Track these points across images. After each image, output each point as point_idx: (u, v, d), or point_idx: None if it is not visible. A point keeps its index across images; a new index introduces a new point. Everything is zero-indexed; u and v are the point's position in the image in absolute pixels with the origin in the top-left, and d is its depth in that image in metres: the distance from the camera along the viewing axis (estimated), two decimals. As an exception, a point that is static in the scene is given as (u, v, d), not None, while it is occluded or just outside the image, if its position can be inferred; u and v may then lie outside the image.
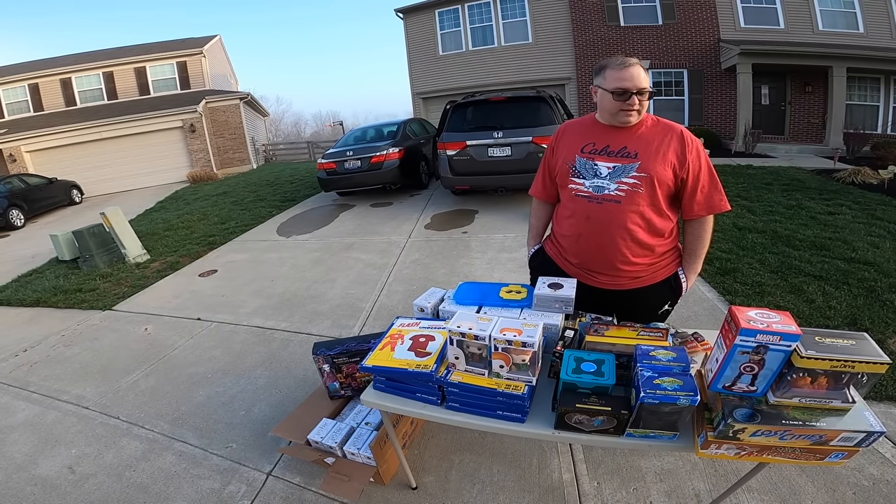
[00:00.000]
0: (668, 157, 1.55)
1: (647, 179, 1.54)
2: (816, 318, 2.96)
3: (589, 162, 1.63)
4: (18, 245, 8.38)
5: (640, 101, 1.53)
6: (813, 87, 11.93)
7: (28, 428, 2.69)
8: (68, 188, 12.98)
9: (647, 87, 1.51)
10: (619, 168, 1.57)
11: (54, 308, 4.64)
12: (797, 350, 1.02)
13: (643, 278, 1.68)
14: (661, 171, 1.54)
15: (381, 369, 1.50)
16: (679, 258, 1.75)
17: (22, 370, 3.40)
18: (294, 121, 55.67)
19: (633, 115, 1.56)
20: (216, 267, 5.40)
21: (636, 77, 1.50)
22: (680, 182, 1.58)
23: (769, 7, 12.12)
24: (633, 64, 1.51)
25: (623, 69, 1.51)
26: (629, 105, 1.53)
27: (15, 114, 16.22)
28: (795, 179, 7.40)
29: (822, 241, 4.33)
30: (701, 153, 1.58)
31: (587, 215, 1.64)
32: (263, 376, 2.96)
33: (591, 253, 1.69)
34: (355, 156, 7.73)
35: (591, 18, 13.27)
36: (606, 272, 1.69)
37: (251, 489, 2.07)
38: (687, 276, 1.73)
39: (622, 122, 1.59)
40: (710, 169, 1.60)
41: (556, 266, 1.83)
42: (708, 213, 1.62)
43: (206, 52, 17.45)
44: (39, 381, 3.21)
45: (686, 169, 1.56)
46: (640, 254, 1.64)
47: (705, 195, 1.60)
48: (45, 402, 2.95)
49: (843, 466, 1.83)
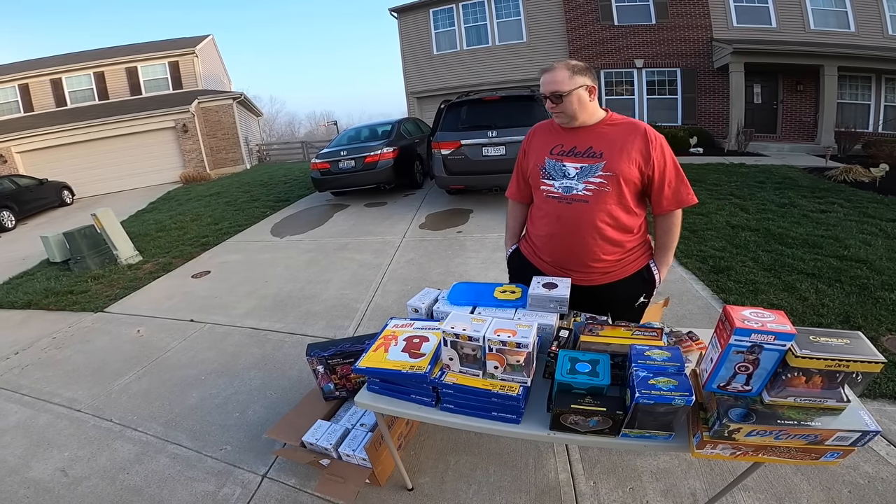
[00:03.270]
0: (632, 156, 1.58)
1: (614, 178, 1.58)
2: (810, 316, 2.98)
3: (558, 163, 1.67)
4: (9, 247, 8.29)
5: (556, 104, 1.59)
6: (805, 86, 12.02)
7: (20, 431, 2.67)
8: (59, 189, 12.85)
9: (559, 91, 1.55)
10: (586, 168, 1.61)
11: (45, 310, 4.59)
12: (792, 349, 1.02)
13: (613, 273, 1.72)
14: (627, 169, 1.58)
15: (375, 371, 1.49)
16: (649, 251, 1.79)
17: (13, 373, 3.37)
18: (288, 120, 55.45)
19: (559, 116, 1.64)
20: (209, 268, 5.37)
21: (547, 83, 1.59)
22: (646, 179, 1.62)
23: (761, 6, 12.20)
24: (549, 70, 1.59)
25: (544, 74, 1.61)
26: (552, 107, 1.62)
27: (5, 114, 16.02)
28: (788, 178, 7.45)
29: (814, 238, 4.36)
30: (665, 149, 1.62)
31: (558, 215, 1.69)
32: (258, 378, 2.94)
33: (563, 251, 1.73)
34: (349, 156, 7.70)
35: (585, 17, 13.31)
36: (579, 269, 1.74)
37: (246, 491, 2.06)
38: (659, 268, 1.77)
39: (560, 123, 1.67)
40: (676, 164, 1.65)
41: (532, 265, 1.87)
42: (676, 207, 1.67)
43: (199, 52, 17.31)
44: (31, 384, 3.18)
45: (651, 166, 1.59)
46: (609, 251, 1.68)
47: (673, 190, 1.64)
48: (37, 404, 2.92)
49: (838, 465, 1.83)
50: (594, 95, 1.62)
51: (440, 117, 6.47)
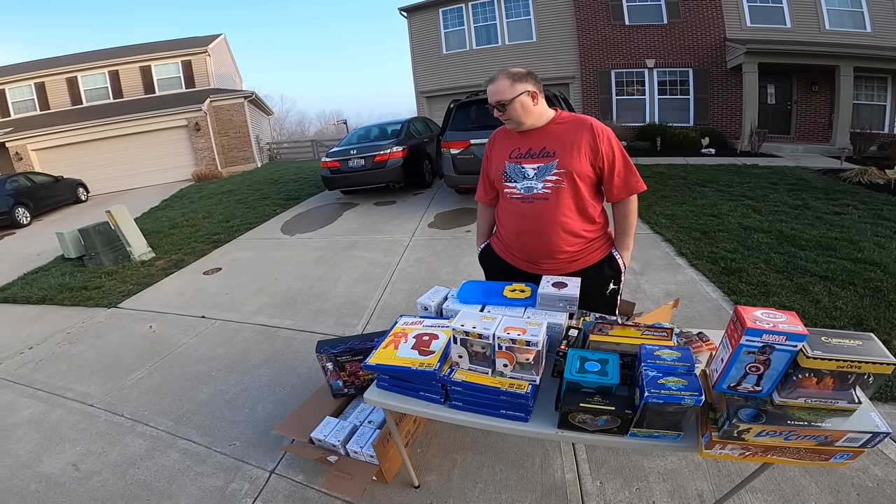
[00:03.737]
0: (583, 151, 1.68)
1: (568, 175, 1.69)
2: (822, 319, 2.95)
3: (517, 166, 1.78)
4: (24, 243, 8.44)
5: (503, 112, 1.69)
6: (820, 87, 11.86)
7: (33, 425, 2.71)
8: (74, 186, 13.05)
9: (502, 99, 1.66)
10: (543, 168, 1.72)
11: (60, 306, 4.67)
12: (803, 350, 1.01)
13: (580, 261, 1.84)
14: (578, 164, 1.68)
15: (385, 368, 1.50)
16: (610, 242, 1.90)
17: (27, 367, 3.42)
18: (298, 119, 55.81)
19: (508, 122, 1.76)
20: (220, 265, 5.42)
21: (491, 92, 1.69)
22: (598, 171, 1.73)
23: (776, 6, 12.05)
24: (492, 80, 1.69)
25: (488, 84, 1.71)
26: (499, 115, 1.72)
27: (21, 112, 16.32)
28: (801, 179, 7.36)
29: (828, 241, 4.30)
30: (613, 141, 1.72)
31: (522, 214, 1.80)
32: (267, 374, 2.97)
33: (532, 246, 1.85)
34: (359, 154, 7.74)
35: (596, 17, 13.24)
36: (546, 261, 1.85)
37: (254, 487, 2.08)
38: (621, 253, 1.88)
39: (510, 128, 1.79)
40: (624, 154, 1.75)
41: (505, 262, 1.99)
42: (627, 194, 1.77)
43: (211, 51, 17.50)
44: (45, 379, 3.23)
45: (601, 158, 1.69)
46: (573, 242, 1.79)
47: (622, 179, 1.74)
48: (51, 399, 2.97)
49: (847, 467, 1.82)
50: (538, 100, 1.71)
51: (449, 117, 6.48)
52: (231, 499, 2.02)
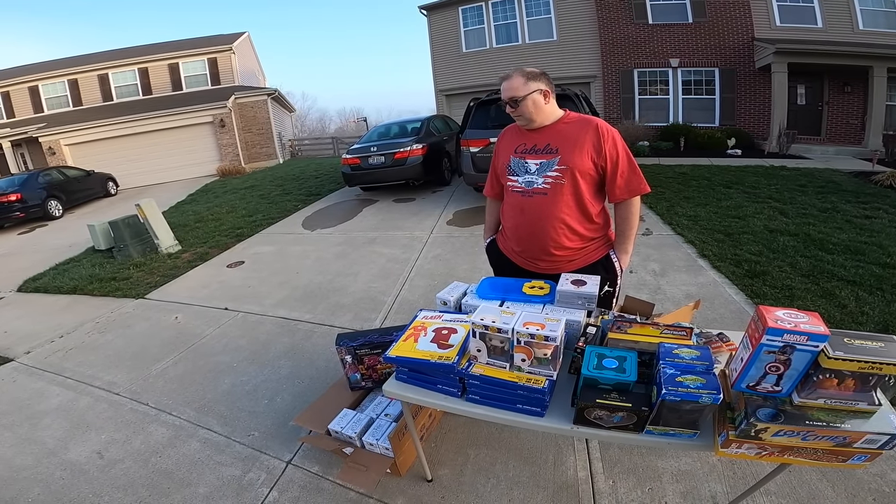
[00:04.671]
0: (585, 149, 1.71)
1: (568, 171, 1.72)
2: (848, 324, 2.88)
3: (521, 161, 1.82)
4: (56, 234, 8.74)
5: (515, 109, 1.74)
6: (852, 88, 11.49)
7: (61, 413, 2.79)
8: (104, 180, 13.44)
9: (515, 96, 1.70)
10: (545, 163, 1.76)
11: (90, 296, 4.83)
12: (825, 351, 1.01)
13: (577, 260, 1.86)
14: (580, 162, 1.71)
15: (404, 360, 1.53)
16: (610, 243, 1.92)
17: (57, 356, 3.54)
18: (319, 116, 56.38)
19: (520, 119, 1.79)
20: (243, 258, 5.54)
21: (505, 89, 1.73)
22: (600, 170, 1.75)
23: (806, 6, 11.71)
24: (507, 77, 1.73)
25: (502, 81, 1.75)
26: (511, 112, 1.76)
27: (55, 108, 16.88)
28: (831, 182, 7.15)
29: (856, 245, 4.19)
30: (617, 142, 1.74)
31: (521, 208, 1.84)
32: (286, 366, 3.03)
33: (528, 240, 1.88)
34: (379, 152, 7.81)
35: (618, 16, 13.06)
36: (544, 258, 1.88)
37: (270, 477, 2.12)
38: (619, 256, 1.89)
39: (520, 125, 1.82)
40: (629, 155, 1.76)
41: (506, 258, 2.04)
42: (629, 196, 1.79)
43: (235, 49, 17.82)
44: (74, 367, 3.33)
45: (604, 157, 1.72)
46: (571, 238, 1.81)
47: (625, 179, 1.76)
48: (79, 387, 3.06)
49: (864, 471, 1.80)
50: (549, 99, 1.76)
51: (469, 115, 6.49)
52: (248, 488, 2.07)
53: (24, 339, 3.93)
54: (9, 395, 3.05)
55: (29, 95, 16.72)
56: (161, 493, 2.09)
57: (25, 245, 8.21)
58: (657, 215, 5.65)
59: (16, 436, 2.61)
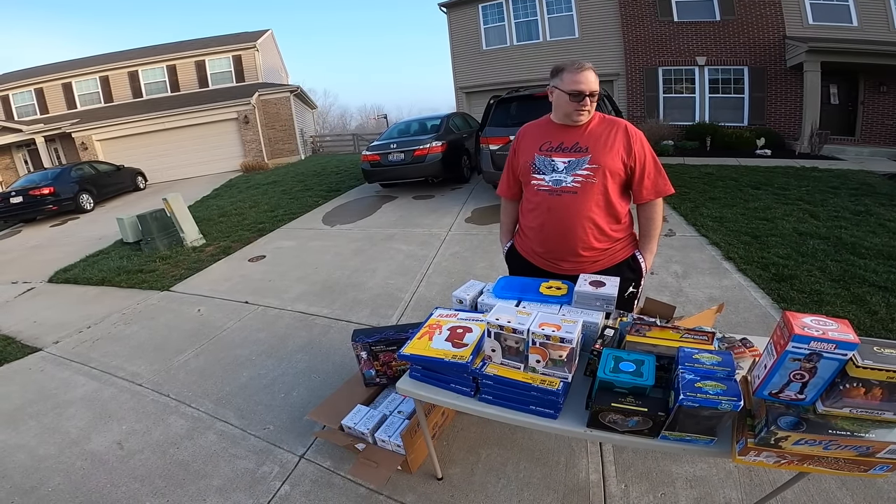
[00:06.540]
0: (616, 149, 1.72)
1: (600, 171, 1.71)
2: (878, 331, 2.77)
3: (547, 159, 1.79)
4: (87, 227, 9.05)
5: (592, 102, 1.70)
6: (888, 87, 11.04)
7: (85, 403, 2.87)
8: (134, 175, 13.82)
9: (597, 90, 1.69)
10: (574, 162, 1.74)
11: (117, 287, 4.98)
12: (853, 359, 0.97)
13: (602, 261, 1.84)
14: (611, 162, 1.71)
15: (418, 358, 1.53)
16: (634, 243, 1.91)
17: (84, 346, 3.65)
18: (340, 113, 56.75)
19: (584, 114, 1.73)
20: (265, 253, 5.64)
21: (590, 80, 1.66)
22: (629, 171, 1.75)
23: (840, 4, 11.29)
24: (587, 68, 1.67)
25: (579, 73, 1.66)
26: (582, 105, 1.69)
27: (87, 104, 17.42)
28: (865, 184, 6.88)
29: (890, 249, 4.02)
30: (644, 144, 1.76)
31: (548, 207, 1.80)
32: (303, 361, 3.07)
33: (555, 241, 1.84)
34: (399, 149, 7.84)
35: (642, 13, 12.79)
36: (569, 259, 1.85)
37: (283, 471, 2.15)
38: (644, 256, 1.88)
39: (574, 120, 1.75)
40: (654, 157, 1.78)
41: (526, 261, 1.99)
42: (656, 196, 1.80)
43: (259, 46, 18.11)
44: (100, 357, 3.43)
45: (633, 158, 1.73)
46: (599, 238, 1.79)
47: (652, 181, 1.77)
48: (104, 377, 3.14)
49: (885, 481, 1.74)
50: None
51: (489, 113, 6.45)
52: (261, 481, 2.10)
53: (53, 328, 4.07)
54: (37, 385, 3.15)
55: (62, 92, 17.28)
56: (176, 484, 2.13)
57: (57, 237, 8.51)
58: (681, 216, 5.52)
59: (41, 425, 2.69)
